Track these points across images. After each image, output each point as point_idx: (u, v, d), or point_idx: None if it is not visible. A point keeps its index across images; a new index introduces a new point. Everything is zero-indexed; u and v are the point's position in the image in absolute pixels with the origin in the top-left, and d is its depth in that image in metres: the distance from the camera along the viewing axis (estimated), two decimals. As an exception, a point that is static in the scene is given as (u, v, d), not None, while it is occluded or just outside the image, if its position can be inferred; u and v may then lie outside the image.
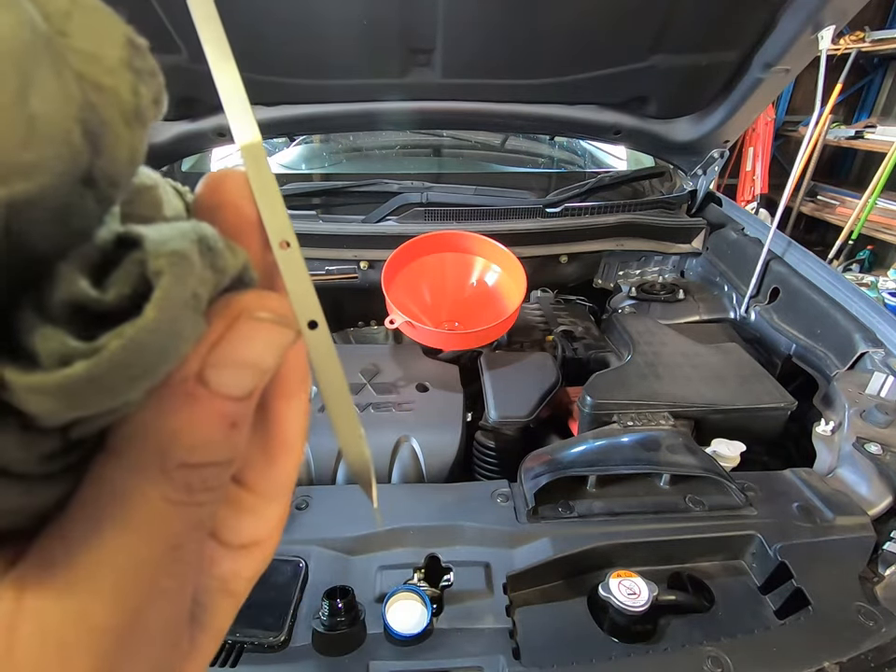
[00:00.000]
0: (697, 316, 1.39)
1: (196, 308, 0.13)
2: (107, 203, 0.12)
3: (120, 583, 0.13)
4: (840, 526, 0.75)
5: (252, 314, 0.15)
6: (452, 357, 1.23)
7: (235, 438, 0.15)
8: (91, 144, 0.11)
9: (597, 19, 1.16)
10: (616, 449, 0.85)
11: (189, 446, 0.14)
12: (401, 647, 0.62)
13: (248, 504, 0.18)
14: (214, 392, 0.14)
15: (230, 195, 0.17)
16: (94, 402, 0.11)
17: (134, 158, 0.12)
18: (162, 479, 0.13)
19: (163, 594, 0.14)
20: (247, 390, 0.15)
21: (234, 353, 0.14)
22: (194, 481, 0.14)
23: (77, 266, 0.11)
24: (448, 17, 1.12)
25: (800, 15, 1.09)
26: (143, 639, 0.14)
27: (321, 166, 2.07)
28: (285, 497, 0.19)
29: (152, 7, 1.05)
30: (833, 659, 0.60)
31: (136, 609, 0.13)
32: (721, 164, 1.52)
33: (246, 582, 0.19)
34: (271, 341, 0.15)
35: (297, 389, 0.18)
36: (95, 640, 0.13)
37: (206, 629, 0.18)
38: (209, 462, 0.14)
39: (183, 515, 0.14)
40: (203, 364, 0.14)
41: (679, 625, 0.67)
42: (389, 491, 0.87)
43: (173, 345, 0.12)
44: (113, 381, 0.11)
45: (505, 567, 0.70)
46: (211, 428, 0.14)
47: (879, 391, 0.92)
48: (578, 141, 2.06)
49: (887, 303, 3.21)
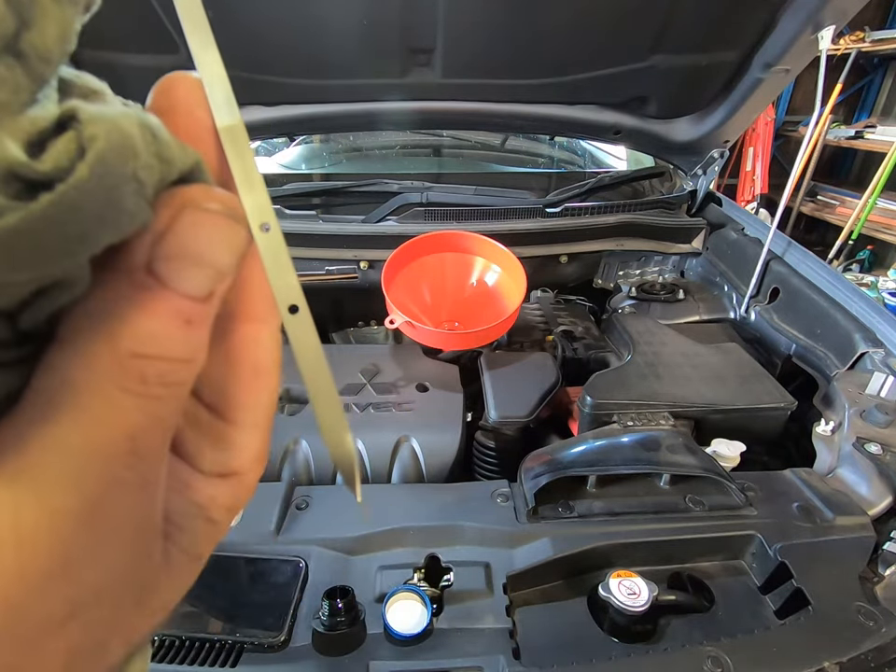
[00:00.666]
0: (697, 316, 1.39)
1: (139, 191, 0.13)
2: (38, 78, 0.12)
3: (75, 466, 0.13)
4: (840, 526, 0.75)
5: (199, 204, 0.14)
6: (452, 357, 1.23)
7: (192, 336, 0.15)
8: (16, 13, 0.11)
9: (597, 19, 1.16)
10: (616, 449, 0.85)
11: (140, 336, 0.14)
12: (401, 647, 0.62)
13: (222, 432, 0.18)
14: (166, 286, 0.14)
15: (182, 98, 0.16)
16: (30, 261, 0.11)
17: (65, 35, 0.12)
18: (115, 367, 0.13)
19: (123, 485, 0.14)
20: (204, 290, 0.14)
21: (182, 244, 0.14)
22: (149, 373, 0.14)
23: (11, 135, 0.11)
24: (448, 17, 1.12)
25: (800, 15, 1.09)
26: (105, 531, 0.14)
27: (321, 166, 2.07)
28: (261, 426, 0.19)
29: (152, 6, 1.05)
30: (833, 659, 0.60)
31: (94, 495, 0.13)
32: (720, 164, 1.52)
33: (226, 512, 0.19)
34: (221, 235, 0.15)
35: (265, 314, 0.18)
36: (53, 522, 0.13)
37: (184, 550, 0.18)
38: (163, 356, 0.14)
39: (138, 406, 0.14)
40: (150, 254, 0.14)
41: (679, 625, 0.67)
42: (389, 491, 0.87)
43: (111, 215, 0.12)
44: (47, 239, 0.11)
45: (505, 567, 0.70)
46: (164, 322, 0.14)
47: (879, 391, 0.92)
48: (578, 141, 2.06)
49: (887, 303, 3.21)
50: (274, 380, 0.19)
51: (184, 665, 0.60)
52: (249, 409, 0.18)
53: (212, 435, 0.18)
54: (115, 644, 0.16)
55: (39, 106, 0.12)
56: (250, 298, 0.18)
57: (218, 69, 0.16)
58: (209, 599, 0.67)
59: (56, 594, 0.13)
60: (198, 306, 0.14)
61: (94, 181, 0.11)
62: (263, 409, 0.19)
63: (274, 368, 0.19)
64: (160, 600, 0.17)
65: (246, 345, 0.18)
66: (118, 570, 0.15)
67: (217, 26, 0.17)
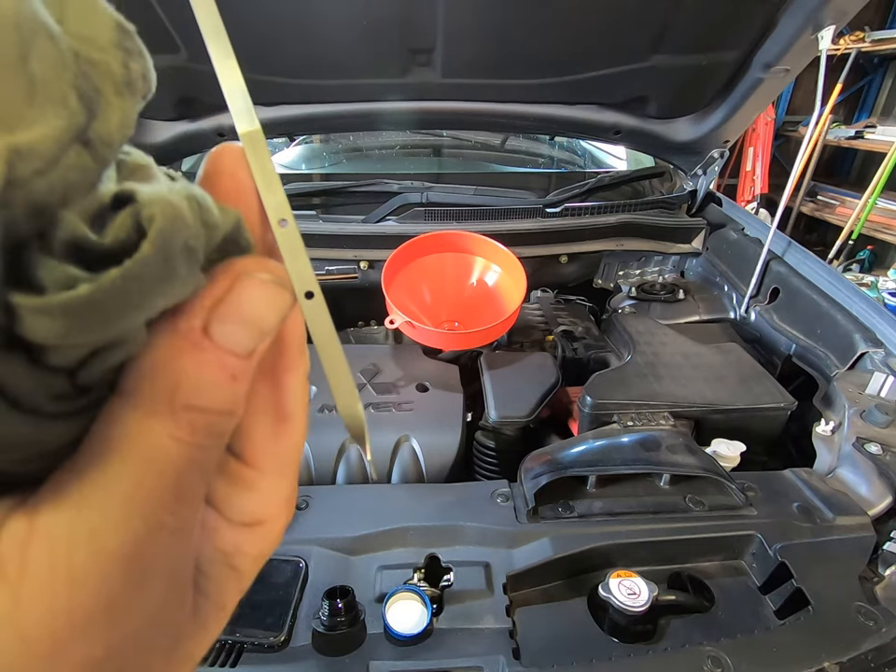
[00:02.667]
0: (697, 316, 1.39)
1: (190, 258, 0.14)
2: (103, 162, 0.13)
3: (126, 509, 0.14)
4: (840, 526, 0.75)
5: (253, 274, 0.16)
6: (452, 357, 1.23)
7: (236, 389, 0.16)
8: (86, 108, 0.12)
9: (598, 19, 1.16)
10: (616, 449, 0.85)
11: (194, 388, 0.15)
12: (401, 647, 0.62)
13: (250, 479, 0.19)
14: (217, 345, 0.15)
15: (226, 164, 0.18)
16: (95, 327, 0.12)
17: (125, 123, 0.13)
18: (169, 417, 0.15)
19: (165, 531, 0.15)
20: (248, 348, 0.16)
21: (237, 309, 0.16)
22: (198, 423, 0.15)
23: (78, 213, 0.13)
24: (448, 17, 1.12)
25: (800, 15, 1.09)
26: (146, 575, 0.15)
27: (321, 166, 2.07)
28: (289, 474, 0.19)
29: (152, 6, 1.05)
30: (832, 659, 0.60)
31: (140, 538, 0.14)
32: (720, 164, 1.52)
33: (252, 561, 0.19)
34: (271, 301, 0.16)
35: (296, 362, 0.19)
36: (102, 562, 0.14)
37: (210, 600, 0.18)
38: (212, 407, 0.15)
39: (186, 454, 0.15)
40: (208, 317, 0.15)
41: (679, 625, 0.67)
42: (389, 491, 0.87)
43: (168, 283, 0.14)
44: (112, 306, 0.12)
45: (505, 567, 0.70)
46: (215, 375, 0.15)
47: (879, 391, 0.92)
48: (578, 141, 2.06)
49: (887, 303, 3.21)
50: (301, 426, 0.20)
51: (184, 664, 0.60)
52: (275, 456, 0.19)
53: (240, 483, 0.18)
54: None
55: (103, 186, 0.14)
56: (285, 347, 0.19)
57: (238, 78, 0.18)
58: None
59: (97, 636, 0.14)
60: (243, 363, 0.16)
61: (154, 256, 0.13)
62: (289, 456, 0.19)
63: (302, 413, 0.19)
64: (187, 652, 0.17)
65: (277, 393, 0.19)
66: (153, 616, 0.15)
67: None
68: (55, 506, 0.13)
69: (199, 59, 1.18)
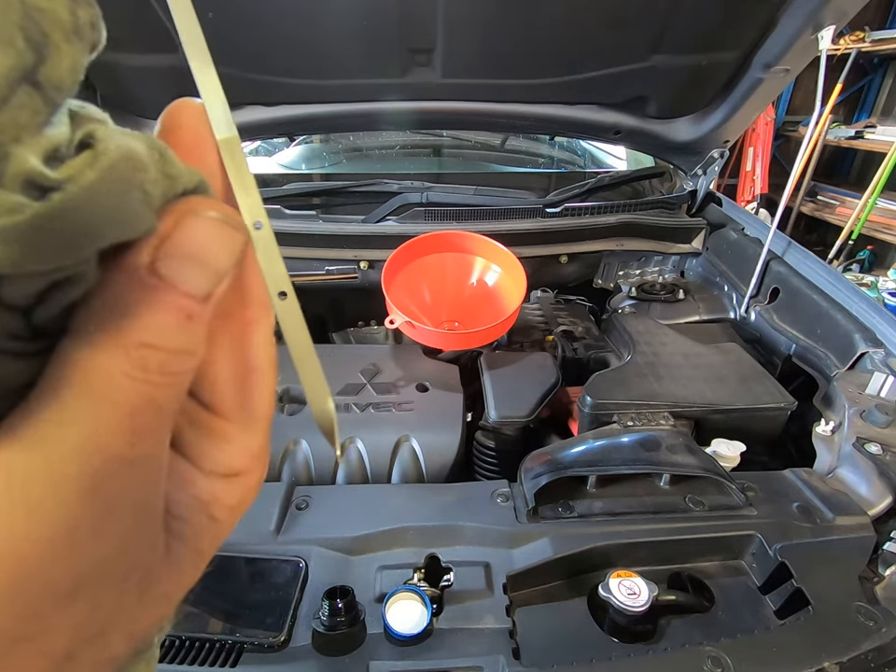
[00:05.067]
0: (697, 316, 1.39)
1: (145, 200, 0.15)
2: (52, 104, 0.13)
3: (81, 439, 0.14)
4: (840, 526, 0.75)
5: (200, 212, 0.16)
6: (452, 357, 1.23)
7: (192, 330, 0.16)
8: (34, 50, 0.13)
9: (598, 19, 1.16)
10: (616, 449, 0.85)
11: (143, 326, 0.15)
12: (401, 647, 0.62)
13: (222, 430, 0.19)
14: (169, 284, 0.15)
15: (187, 118, 0.18)
16: (45, 254, 0.13)
17: (75, 68, 0.14)
18: (120, 354, 0.15)
19: (125, 462, 0.15)
20: (203, 290, 0.16)
21: (184, 245, 0.16)
22: (150, 362, 0.15)
23: (28, 149, 0.13)
24: (448, 17, 1.12)
25: (800, 15, 1.09)
26: (108, 505, 0.15)
27: (321, 166, 2.07)
28: (260, 424, 0.20)
29: (152, 7, 1.05)
30: (832, 659, 0.60)
31: (98, 468, 0.14)
32: (720, 164, 1.52)
33: (230, 511, 0.19)
34: (221, 239, 0.16)
35: (260, 315, 0.19)
36: (60, 492, 0.14)
37: (186, 543, 0.18)
38: (164, 347, 0.15)
39: (140, 390, 0.15)
40: (154, 254, 0.15)
41: (679, 625, 0.67)
42: (389, 491, 0.87)
43: (118, 217, 0.14)
44: (60, 233, 0.13)
45: (505, 567, 0.70)
46: (166, 315, 0.15)
47: (879, 391, 0.92)
48: (578, 141, 2.06)
49: (887, 303, 3.21)
50: (270, 379, 0.20)
51: (184, 664, 0.60)
52: (247, 407, 0.19)
53: (212, 434, 0.19)
54: (117, 636, 0.16)
55: (53, 127, 0.14)
56: (246, 299, 0.19)
57: (217, 89, 0.19)
58: (209, 599, 0.67)
59: (61, 563, 0.14)
60: (197, 304, 0.16)
61: (104, 186, 0.13)
62: (260, 407, 0.20)
63: (270, 367, 0.20)
64: (161, 590, 0.18)
65: (242, 345, 0.19)
66: (120, 549, 0.16)
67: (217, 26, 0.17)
68: (11, 441, 0.14)
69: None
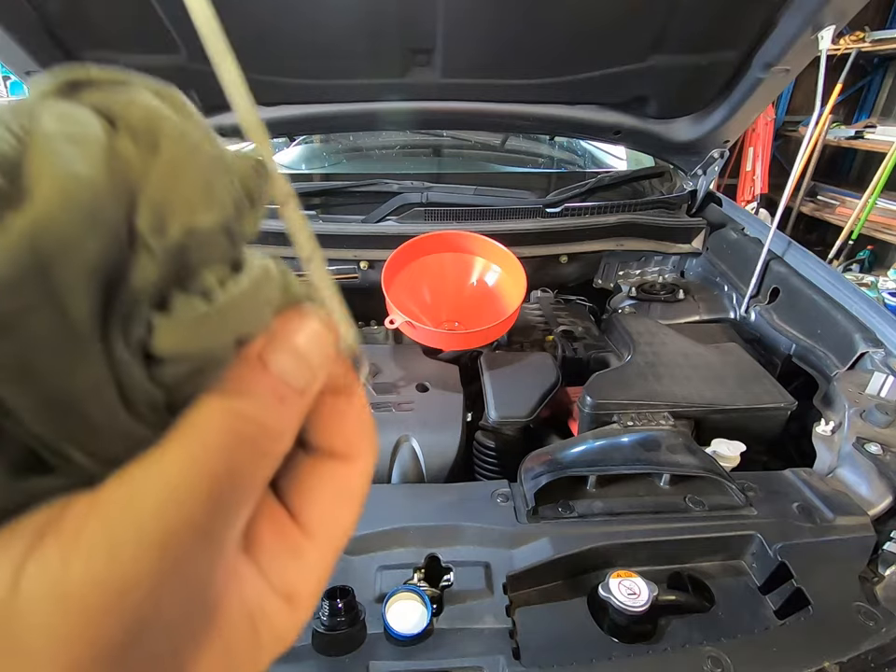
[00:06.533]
0: (697, 316, 1.39)
1: (270, 304, 0.19)
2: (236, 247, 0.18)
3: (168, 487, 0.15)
4: (840, 526, 0.75)
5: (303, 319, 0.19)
6: (452, 357, 1.23)
7: (284, 412, 0.18)
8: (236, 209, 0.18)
9: (598, 18, 1.16)
10: (616, 449, 0.85)
11: (244, 395, 0.17)
12: (401, 647, 0.62)
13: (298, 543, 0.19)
14: (271, 371, 0.18)
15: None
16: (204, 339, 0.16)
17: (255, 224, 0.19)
18: (219, 413, 0.16)
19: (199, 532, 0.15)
20: (296, 380, 0.18)
21: (285, 340, 0.18)
22: (243, 429, 0.17)
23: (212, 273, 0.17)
24: (448, 17, 1.12)
25: (800, 15, 1.08)
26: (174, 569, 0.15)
27: (321, 166, 2.07)
28: (333, 549, 0.20)
29: (152, 7, 1.05)
30: (833, 659, 0.60)
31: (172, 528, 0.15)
32: (721, 164, 1.52)
33: (273, 637, 0.18)
34: (315, 336, 0.19)
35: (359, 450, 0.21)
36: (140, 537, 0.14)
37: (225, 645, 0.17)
38: (257, 418, 0.17)
39: (226, 458, 0.16)
40: (263, 346, 0.18)
41: (679, 625, 0.67)
42: (389, 491, 0.87)
43: (255, 318, 0.18)
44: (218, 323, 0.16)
45: (505, 567, 0.70)
46: (264, 392, 0.17)
47: (879, 391, 0.92)
48: (578, 141, 2.06)
49: (887, 303, 3.21)
50: (356, 511, 0.21)
51: (184, 665, 0.60)
52: (328, 527, 0.20)
53: (287, 542, 0.19)
54: None
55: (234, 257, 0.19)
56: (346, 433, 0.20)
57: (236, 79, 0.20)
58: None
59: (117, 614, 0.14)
60: (291, 391, 0.18)
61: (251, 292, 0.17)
62: (340, 532, 0.20)
63: (359, 500, 0.21)
64: None
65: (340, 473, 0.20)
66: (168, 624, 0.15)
67: None
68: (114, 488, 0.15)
69: (198, 59, 1.18)
